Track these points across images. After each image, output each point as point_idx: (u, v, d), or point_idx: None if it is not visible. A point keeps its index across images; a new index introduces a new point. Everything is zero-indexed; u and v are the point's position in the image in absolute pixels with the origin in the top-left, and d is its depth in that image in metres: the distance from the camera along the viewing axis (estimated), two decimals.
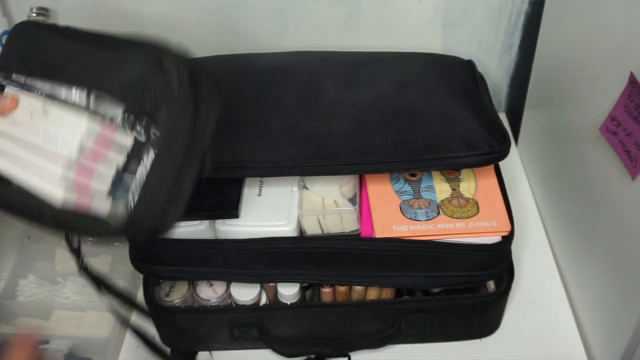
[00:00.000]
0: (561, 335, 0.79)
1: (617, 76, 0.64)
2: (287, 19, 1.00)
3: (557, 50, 0.86)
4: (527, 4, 0.98)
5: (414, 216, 0.71)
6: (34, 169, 0.56)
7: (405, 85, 0.77)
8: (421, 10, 0.99)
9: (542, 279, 0.85)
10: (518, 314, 0.81)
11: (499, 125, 0.72)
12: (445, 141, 0.69)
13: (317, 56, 0.86)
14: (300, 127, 0.72)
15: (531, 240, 0.90)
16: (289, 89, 0.78)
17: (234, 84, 0.81)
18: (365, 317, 0.75)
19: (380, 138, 0.70)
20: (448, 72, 0.82)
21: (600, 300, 0.76)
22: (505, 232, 0.70)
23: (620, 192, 0.67)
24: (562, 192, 0.86)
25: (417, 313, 0.74)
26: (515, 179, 0.99)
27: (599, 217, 0.74)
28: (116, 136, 0.56)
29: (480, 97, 0.78)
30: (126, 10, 1.00)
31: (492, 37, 1.02)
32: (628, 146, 0.64)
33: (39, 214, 0.55)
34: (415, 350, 0.78)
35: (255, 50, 0.90)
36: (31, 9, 1.00)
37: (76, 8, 1.00)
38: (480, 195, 0.73)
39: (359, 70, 0.81)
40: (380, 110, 0.74)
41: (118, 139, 0.56)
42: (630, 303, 0.67)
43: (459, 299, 0.74)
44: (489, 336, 0.79)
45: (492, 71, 1.07)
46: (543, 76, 0.93)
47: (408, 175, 0.75)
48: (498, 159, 0.71)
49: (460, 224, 0.70)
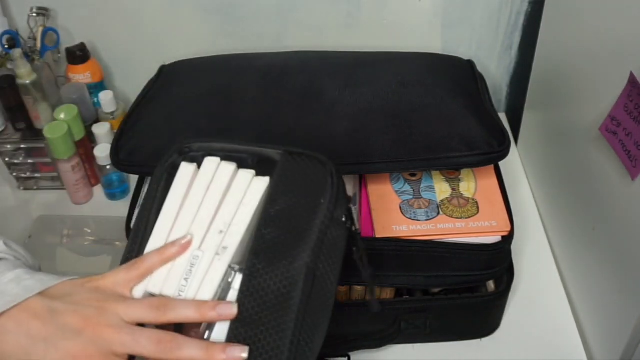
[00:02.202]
0: (561, 335, 0.79)
1: (617, 76, 0.64)
2: (287, 19, 1.00)
3: (557, 50, 0.86)
4: (527, 4, 0.98)
5: (414, 216, 0.71)
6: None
7: (405, 85, 0.77)
8: (421, 10, 0.99)
9: (542, 279, 0.85)
10: (518, 314, 0.81)
11: (499, 125, 0.72)
12: (445, 141, 0.69)
13: (317, 56, 0.86)
14: (300, 127, 0.72)
15: (531, 240, 0.89)
16: (289, 89, 0.78)
17: (234, 84, 0.81)
18: (365, 317, 0.75)
19: (380, 138, 0.70)
20: (448, 72, 0.82)
21: (600, 300, 0.76)
22: (505, 232, 0.70)
23: (620, 192, 0.67)
24: (562, 192, 0.86)
25: (417, 313, 0.74)
26: (515, 179, 0.99)
27: (599, 217, 0.74)
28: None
29: (480, 97, 0.78)
30: (126, 10, 1.00)
31: (492, 37, 1.03)
32: (628, 146, 0.64)
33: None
34: (415, 350, 0.78)
35: (255, 50, 0.90)
36: (31, 9, 1.00)
37: (76, 8, 1.01)
38: (480, 195, 0.73)
39: (359, 70, 0.81)
40: (380, 110, 0.74)
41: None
42: (630, 303, 0.67)
43: (459, 299, 0.74)
44: (489, 336, 0.79)
45: (492, 71, 1.07)
46: (543, 76, 0.93)
47: (408, 175, 0.76)
48: (498, 159, 0.71)
49: (460, 224, 0.70)
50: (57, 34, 1.01)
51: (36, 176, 1.00)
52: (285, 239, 0.52)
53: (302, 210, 0.53)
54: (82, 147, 0.95)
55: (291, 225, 0.52)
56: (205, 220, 0.53)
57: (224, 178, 0.54)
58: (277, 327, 0.49)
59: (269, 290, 0.50)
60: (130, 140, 0.74)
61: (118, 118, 0.99)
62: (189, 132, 0.74)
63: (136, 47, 1.04)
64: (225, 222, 0.53)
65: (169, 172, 0.56)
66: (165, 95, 0.82)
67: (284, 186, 0.54)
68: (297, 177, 0.54)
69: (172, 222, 0.54)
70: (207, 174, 0.55)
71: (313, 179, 0.54)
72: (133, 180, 0.89)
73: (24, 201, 0.99)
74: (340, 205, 0.54)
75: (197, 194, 0.54)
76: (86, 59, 1.00)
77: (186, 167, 0.55)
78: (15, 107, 0.95)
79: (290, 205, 0.53)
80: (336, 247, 0.54)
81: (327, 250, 0.52)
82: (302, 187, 0.54)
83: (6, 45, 0.96)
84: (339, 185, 0.54)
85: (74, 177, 0.94)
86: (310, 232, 0.52)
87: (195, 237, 0.53)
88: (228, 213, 0.53)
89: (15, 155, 0.98)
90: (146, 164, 0.71)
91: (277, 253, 0.51)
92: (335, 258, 0.53)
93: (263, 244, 0.52)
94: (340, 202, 0.54)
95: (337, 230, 0.54)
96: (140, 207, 0.57)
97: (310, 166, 0.55)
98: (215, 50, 0.91)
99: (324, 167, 0.54)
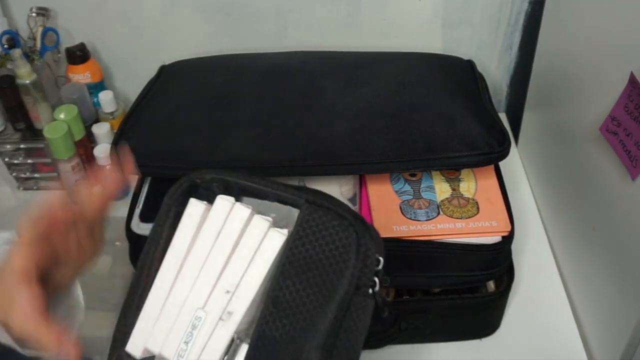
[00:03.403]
0: (561, 335, 0.79)
1: (617, 76, 0.64)
2: (287, 19, 1.00)
3: (557, 50, 0.86)
4: (527, 3, 0.98)
5: (414, 216, 0.70)
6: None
7: (405, 85, 0.77)
8: (421, 10, 0.99)
9: (542, 279, 0.85)
10: (518, 314, 0.81)
11: (499, 125, 0.72)
12: (445, 141, 0.69)
13: (317, 56, 0.86)
14: (300, 127, 0.72)
15: (531, 240, 0.89)
16: (289, 89, 0.78)
17: (234, 84, 0.81)
18: None
19: (380, 138, 0.70)
20: (448, 72, 0.82)
21: (600, 300, 0.76)
22: (505, 232, 0.70)
23: (620, 192, 0.67)
24: (562, 192, 0.86)
25: (417, 313, 0.74)
26: (515, 179, 0.99)
27: (599, 217, 0.74)
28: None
29: (480, 97, 0.78)
30: (126, 10, 1.00)
31: (492, 37, 1.03)
32: (628, 146, 0.64)
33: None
34: (415, 350, 0.78)
35: (255, 50, 0.90)
36: (31, 9, 1.00)
37: (76, 8, 1.01)
38: (480, 195, 0.73)
39: (359, 70, 0.81)
40: (380, 111, 0.74)
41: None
42: (630, 303, 0.67)
43: (459, 299, 0.74)
44: (489, 336, 0.79)
45: (492, 71, 1.07)
46: (543, 76, 0.93)
47: (408, 175, 0.75)
48: (498, 159, 0.71)
49: (460, 224, 0.70)
50: (57, 34, 1.01)
51: (36, 176, 1.00)
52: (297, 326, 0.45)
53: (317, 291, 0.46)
54: (82, 147, 0.95)
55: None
56: (212, 275, 0.48)
57: (237, 224, 0.48)
58: None
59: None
60: (130, 140, 0.74)
61: (118, 118, 0.99)
62: (189, 132, 0.74)
63: (136, 47, 1.04)
64: (233, 283, 0.47)
65: (180, 202, 0.51)
66: (165, 95, 0.82)
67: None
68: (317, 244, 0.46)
69: (176, 271, 0.49)
70: (219, 217, 0.48)
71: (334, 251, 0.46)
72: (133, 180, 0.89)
73: (24, 201, 0.99)
74: (365, 274, 0.47)
75: (206, 239, 0.48)
76: (86, 59, 1.00)
77: (195, 205, 0.49)
78: (15, 107, 0.95)
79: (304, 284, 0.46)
80: (360, 321, 0.47)
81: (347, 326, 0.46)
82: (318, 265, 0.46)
83: (6, 45, 0.96)
84: (366, 248, 0.47)
85: (74, 177, 0.94)
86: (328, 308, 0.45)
87: (200, 293, 0.48)
88: (237, 270, 0.47)
89: (15, 156, 0.98)
90: (146, 164, 0.71)
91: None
92: (357, 333, 0.47)
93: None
94: (367, 269, 0.47)
95: (362, 301, 0.47)
96: (146, 243, 0.51)
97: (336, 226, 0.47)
98: (215, 50, 0.91)
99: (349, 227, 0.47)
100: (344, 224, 0.46)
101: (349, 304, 0.46)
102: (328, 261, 0.46)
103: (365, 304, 0.47)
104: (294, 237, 0.47)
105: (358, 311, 0.46)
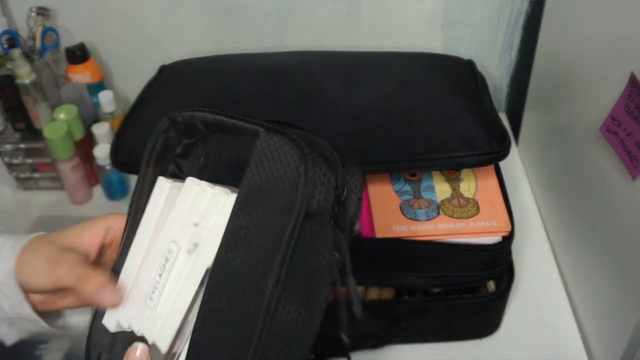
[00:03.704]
0: (561, 335, 0.79)
1: (617, 76, 0.64)
2: (287, 19, 1.00)
3: (557, 50, 0.86)
4: (527, 3, 0.98)
5: (414, 216, 0.70)
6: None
7: (405, 85, 0.77)
8: (421, 10, 0.99)
9: (542, 279, 0.85)
10: (518, 314, 0.81)
11: (499, 125, 0.72)
12: (446, 141, 0.69)
13: (317, 56, 0.86)
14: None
15: (531, 240, 0.89)
16: (289, 89, 0.78)
17: (234, 83, 0.81)
18: (365, 317, 0.75)
19: (380, 138, 0.70)
20: (448, 72, 0.82)
21: (600, 300, 0.76)
22: (505, 232, 0.70)
23: (620, 192, 0.67)
24: (562, 192, 0.86)
25: (417, 313, 0.74)
26: (515, 179, 0.99)
27: (599, 217, 0.74)
28: None
29: (480, 97, 0.78)
30: (126, 10, 1.00)
31: (492, 37, 1.03)
32: (628, 146, 0.64)
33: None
34: (415, 350, 0.78)
35: (255, 50, 0.90)
36: (31, 8, 1.00)
37: (76, 8, 1.01)
38: (480, 195, 0.73)
39: (359, 70, 0.81)
40: (380, 111, 0.74)
41: None
42: (630, 303, 0.67)
43: (459, 299, 0.74)
44: (489, 336, 0.79)
45: (492, 71, 1.07)
46: (543, 76, 0.93)
47: (408, 175, 0.75)
48: (498, 159, 0.71)
49: (460, 224, 0.70)
50: (56, 34, 1.01)
51: (36, 176, 1.00)
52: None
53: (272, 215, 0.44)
54: (82, 147, 0.94)
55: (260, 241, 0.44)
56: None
57: (204, 201, 0.48)
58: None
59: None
60: (130, 140, 0.74)
61: (118, 118, 0.99)
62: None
63: (136, 47, 1.04)
64: (199, 218, 0.48)
65: (163, 140, 0.53)
66: (165, 95, 0.82)
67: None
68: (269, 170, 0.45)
69: (144, 251, 0.50)
70: (188, 198, 0.49)
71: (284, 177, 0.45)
72: (133, 180, 0.89)
73: (24, 201, 0.99)
74: (319, 202, 0.44)
75: (174, 219, 0.49)
76: (86, 59, 1.00)
77: (163, 182, 0.51)
78: (15, 107, 0.95)
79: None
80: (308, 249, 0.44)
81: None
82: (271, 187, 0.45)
83: (6, 45, 0.96)
84: (322, 175, 0.44)
85: (74, 177, 0.94)
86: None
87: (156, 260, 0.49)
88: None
89: (15, 156, 0.98)
90: None
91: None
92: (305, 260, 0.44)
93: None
94: (322, 196, 0.44)
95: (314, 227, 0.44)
96: (135, 185, 0.53)
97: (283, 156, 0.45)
98: (215, 50, 0.91)
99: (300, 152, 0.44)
100: (294, 149, 0.45)
101: (299, 232, 0.43)
102: (278, 188, 0.44)
103: (323, 234, 0.44)
104: (250, 166, 0.46)
105: (315, 241, 0.44)
